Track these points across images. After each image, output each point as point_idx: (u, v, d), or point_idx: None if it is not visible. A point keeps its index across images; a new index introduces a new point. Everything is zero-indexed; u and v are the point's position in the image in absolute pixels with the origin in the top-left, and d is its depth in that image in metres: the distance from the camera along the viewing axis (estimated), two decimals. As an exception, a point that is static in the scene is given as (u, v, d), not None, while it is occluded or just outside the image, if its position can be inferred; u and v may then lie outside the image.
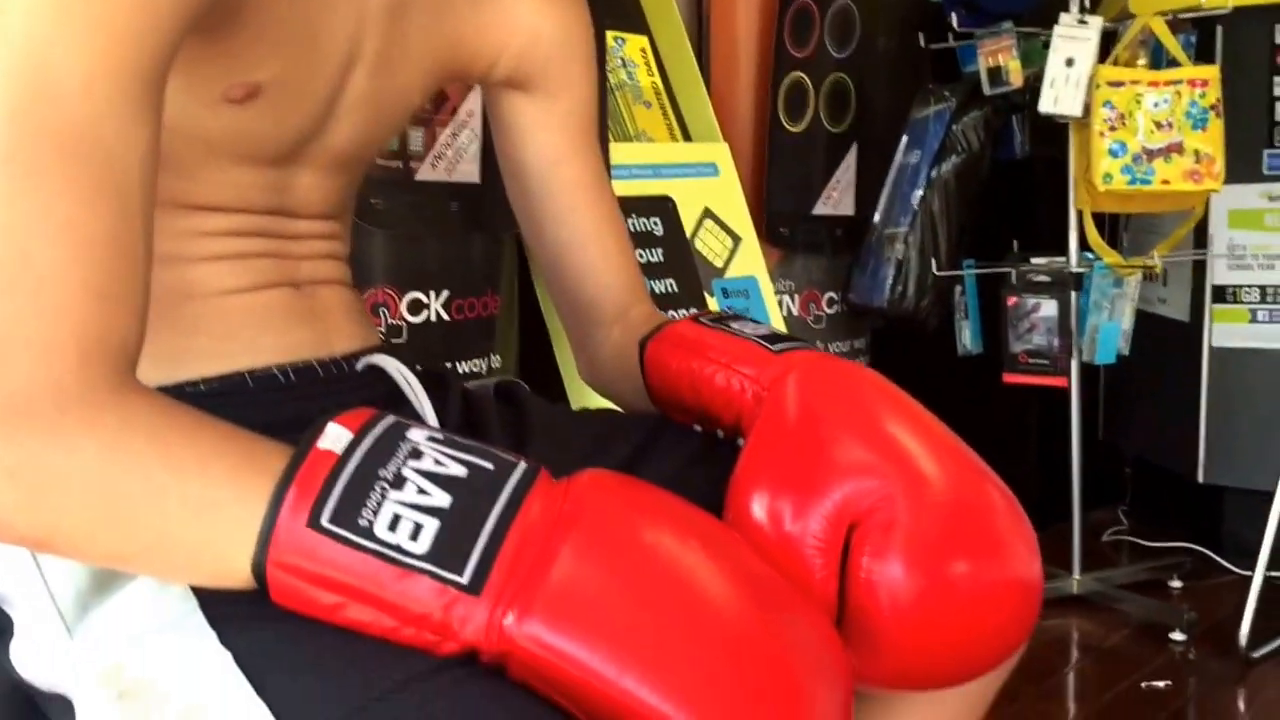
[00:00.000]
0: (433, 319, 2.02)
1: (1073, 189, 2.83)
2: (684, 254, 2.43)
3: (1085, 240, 2.84)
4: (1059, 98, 2.67)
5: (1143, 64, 2.72)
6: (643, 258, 2.31)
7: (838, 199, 3.04)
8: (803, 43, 2.88)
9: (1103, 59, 2.70)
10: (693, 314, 1.02)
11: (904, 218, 2.99)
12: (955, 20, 2.96)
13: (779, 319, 2.68)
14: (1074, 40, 2.67)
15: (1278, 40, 3.10)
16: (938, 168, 2.99)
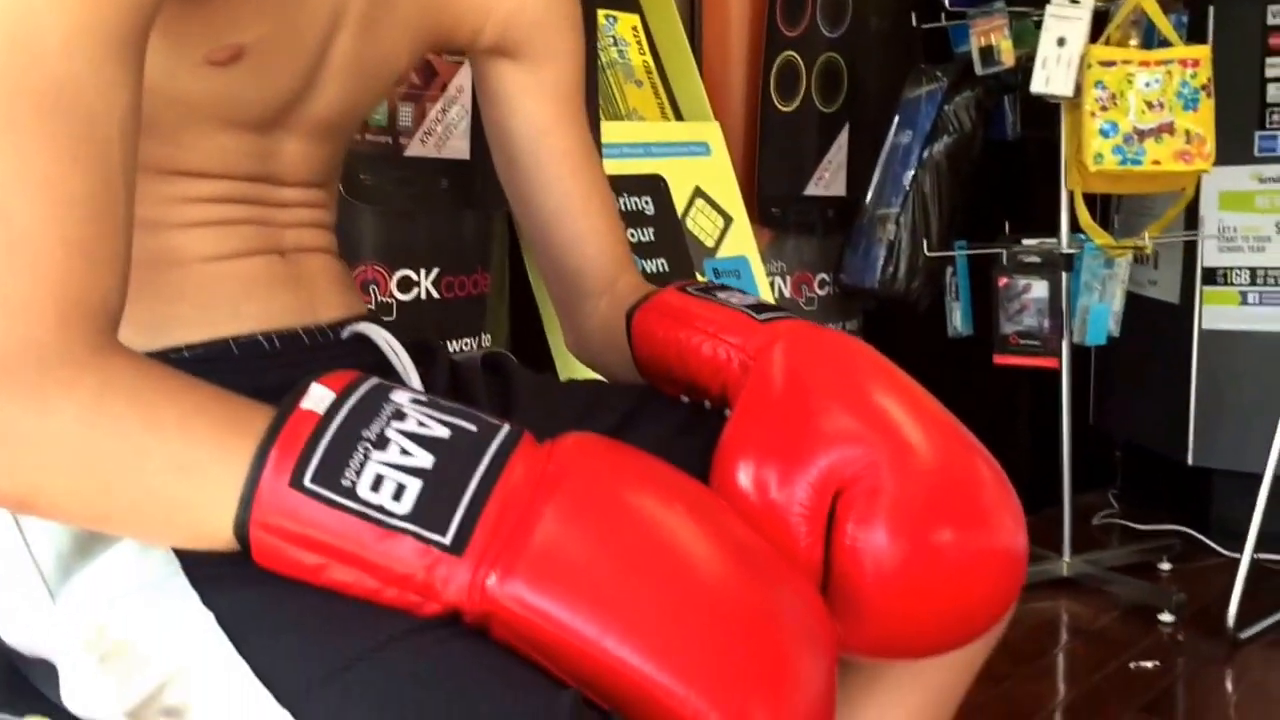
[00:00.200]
0: (423, 297, 2.02)
1: (1064, 170, 2.82)
2: (675, 234, 2.42)
3: (1076, 221, 2.84)
4: (1051, 78, 2.66)
5: (1134, 44, 2.71)
6: (634, 237, 2.31)
7: (829, 179, 3.04)
8: (795, 22, 2.87)
9: (1094, 39, 2.69)
10: (680, 283, 1.01)
11: (895, 198, 2.99)
12: (947, 0, 2.96)
13: (770, 300, 2.67)
14: (1066, 20, 2.66)
15: (1270, 21, 3.09)
16: (929, 148, 2.98)
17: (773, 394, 0.87)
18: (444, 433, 0.67)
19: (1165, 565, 3.10)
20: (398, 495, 0.64)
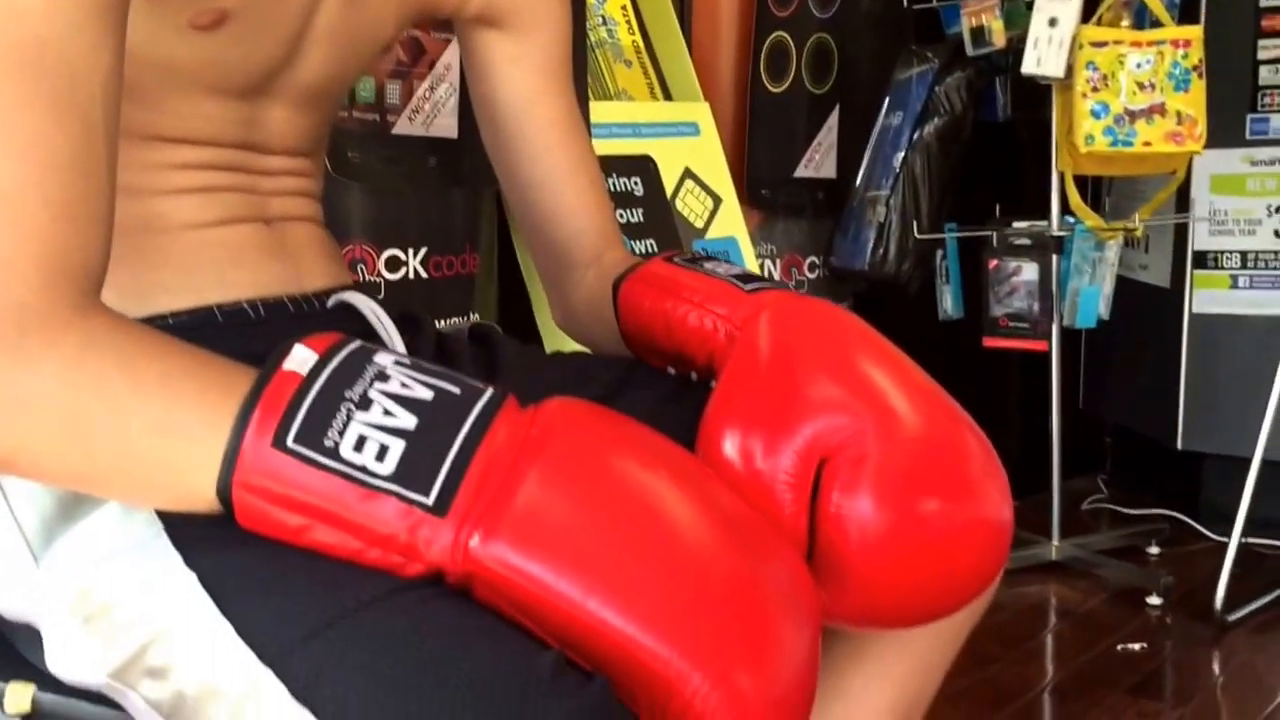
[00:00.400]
0: (411, 276, 2.02)
1: (1055, 151, 2.82)
2: (664, 214, 2.42)
3: (1067, 203, 2.84)
4: (1042, 59, 2.66)
5: (1126, 24, 2.71)
6: (623, 218, 2.30)
7: (819, 161, 3.04)
8: (785, 2, 2.86)
9: (1086, 19, 2.69)
10: (667, 254, 1.01)
11: (885, 180, 2.98)
12: (938, -18, 2.96)
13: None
14: (1057, 0, 2.66)
15: (1263, 3, 3.09)
16: (920, 130, 2.98)
17: (759, 363, 0.87)
18: (427, 394, 0.67)
19: (1154, 549, 3.10)
20: (381, 456, 0.64)
